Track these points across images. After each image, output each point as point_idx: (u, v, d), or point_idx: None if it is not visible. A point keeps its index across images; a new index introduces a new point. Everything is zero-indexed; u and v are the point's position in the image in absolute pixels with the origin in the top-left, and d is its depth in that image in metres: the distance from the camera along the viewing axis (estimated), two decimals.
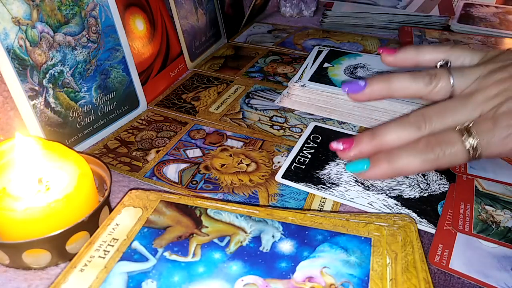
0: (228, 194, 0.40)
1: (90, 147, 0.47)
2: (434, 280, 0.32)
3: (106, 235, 0.32)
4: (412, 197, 0.40)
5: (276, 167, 0.44)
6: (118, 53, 0.49)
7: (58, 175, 0.34)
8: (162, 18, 0.59)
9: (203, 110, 0.54)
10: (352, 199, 0.39)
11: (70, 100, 0.44)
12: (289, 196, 0.40)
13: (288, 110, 0.54)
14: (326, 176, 0.42)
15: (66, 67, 0.43)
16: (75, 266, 0.29)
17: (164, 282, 0.29)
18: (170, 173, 0.43)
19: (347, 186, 0.41)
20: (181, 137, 0.49)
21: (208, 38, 0.69)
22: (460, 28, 0.77)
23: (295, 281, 0.28)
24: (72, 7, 0.43)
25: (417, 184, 0.41)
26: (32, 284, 0.32)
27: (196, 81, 0.61)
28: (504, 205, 0.38)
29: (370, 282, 0.28)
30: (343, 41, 0.74)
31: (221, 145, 0.47)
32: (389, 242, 0.31)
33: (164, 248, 0.31)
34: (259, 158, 0.45)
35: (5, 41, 0.37)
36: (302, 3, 0.88)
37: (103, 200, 0.35)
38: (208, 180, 0.42)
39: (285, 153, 0.46)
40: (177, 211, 0.34)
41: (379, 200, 0.39)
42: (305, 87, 0.53)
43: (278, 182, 0.42)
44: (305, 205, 0.39)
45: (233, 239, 0.32)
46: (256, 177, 0.42)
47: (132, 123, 0.52)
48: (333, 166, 0.43)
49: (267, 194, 0.40)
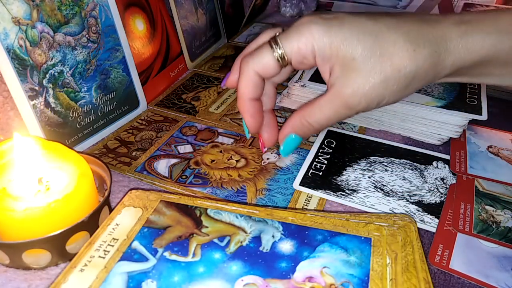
0: (216, 188, 0.41)
1: (90, 147, 0.47)
2: (434, 280, 0.32)
3: (106, 235, 0.32)
4: (433, 202, 0.39)
5: (265, 163, 0.44)
6: (118, 53, 0.49)
7: (58, 175, 0.34)
8: (162, 18, 0.59)
9: (203, 110, 0.54)
10: (373, 205, 0.39)
11: (70, 100, 0.44)
12: (277, 191, 0.41)
13: (288, 110, 0.54)
14: (344, 183, 0.42)
15: (66, 67, 0.43)
16: (75, 266, 0.29)
17: (164, 282, 0.28)
18: (161, 168, 0.44)
19: (366, 193, 0.40)
20: (173, 133, 0.49)
21: (208, 38, 0.69)
22: None
23: (295, 281, 0.28)
24: (72, 7, 0.43)
25: (436, 188, 0.41)
26: (32, 284, 0.32)
27: (196, 81, 0.61)
28: (504, 205, 0.38)
29: (370, 282, 0.28)
30: None
31: (212, 142, 0.48)
32: (389, 242, 0.31)
33: (164, 248, 0.31)
34: (248, 154, 0.46)
35: (5, 41, 0.37)
36: (302, 3, 0.88)
37: (103, 200, 0.35)
38: (197, 175, 0.43)
39: (274, 150, 0.46)
40: (177, 211, 0.34)
41: (400, 206, 0.39)
42: (305, 87, 0.52)
43: (266, 177, 0.42)
44: (292, 200, 0.40)
45: (233, 239, 0.32)
46: (245, 173, 0.43)
47: (132, 123, 0.52)
48: (350, 172, 0.43)
49: (255, 189, 0.41)
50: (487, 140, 0.48)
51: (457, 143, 0.47)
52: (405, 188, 0.41)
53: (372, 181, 0.42)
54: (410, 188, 0.41)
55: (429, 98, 0.50)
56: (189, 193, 0.41)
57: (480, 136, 0.49)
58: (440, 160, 0.45)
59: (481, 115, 0.47)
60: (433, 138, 0.48)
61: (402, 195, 0.40)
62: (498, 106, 0.55)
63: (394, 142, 0.48)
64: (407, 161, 0.45)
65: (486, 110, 0.47)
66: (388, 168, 0.43)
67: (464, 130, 0.49)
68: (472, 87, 0.52)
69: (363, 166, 0.44)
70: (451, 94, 0.50)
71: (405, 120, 0.49)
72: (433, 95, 0.50)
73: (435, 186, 0.41)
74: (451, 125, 0.47)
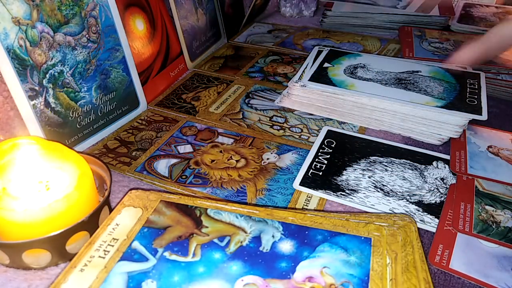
0: (216, 188, 0.41)
1: (90, 147, 0.47)
2: (434, 280, 0.32)
3: (106, 235, 0.32)
4: (433, 202, 0.39)
5: (265, 163, 0.44)
6: (118, 53, 0.49)
7: (58, 175, 0.34)
8: (162, 18, 0.59)
9: (203, 110, 0.54)
10: (373, 205, 0.39)
11: (70, 100, 0.44)
12: (277, 191, 0.41)
13: (288, 110, 0.54)
14: (344, 183, 0.41)
15: (66, 67, 0.43)
16: (75, 266, 0.29)
17: (164, 282, 0.28)
18: (161, 168, 0.44)
19: (366, 193, 0.40)
20: (172, 133, 0.49)
21: (208, 38, 0.69)
22: (460, 28, 0.77)
23: (295, 281, 0.28)
24: (72, 7, 0.43)
25: (436, 188, 0.41)
26: (32, 284, 0.32)
27: (196, 81, 0.61)
28: (505, 205, 0.38)
29: (370, 282, 0.28)
30: (343, 41, 0.74)
31: (212, 142, 0.48)
32: (389, 242, 0.31)
33: (164, 248, 0.31)
34: (248, 154, 0.46)
35: (5, 41, 0.37)
36: (302, 3, 0.88)
37: (103, 200, 0.35)
38: (197, 175, 0.43)
39: (274, 150, 0.46)
40: (177, 211, 0.34)
41: (400, 206, 0.39)
42: (305, 87, 0.53)
43: (266, 177, 0.42)
44: (292, 200, 0.40)
45: (233, 239, 0.32)
46: (245, 173, 0.43)
47: (132, 123, 0.52)
48: (350, 172, 0.43)
49: (255, 189, 0.41)
50: (487, 140, 0.48)
51: (457, 143, 0.47)
52: (405, 188, 0.41)
53: (372, 181, 0.42)
54: (410, 188, 0.41)
55: (429, 98, 0.50)
56: (189, 193, 0.41)
57: (480, 136, 0.49)
58: (440, 160, 0.45)
59: (481, 115, 0.47)
60: (433, 138, 0.48)
61: (402, 195, 0.40)
62: (498, 106, 0.55)
63: (394, 142, 0.48)
64: (407, 161, 0.45)
65: (486, 110, 0.47)
66: (388, 168, 0.43)
67: (464, 130, 0.49)
68: (472, 87, 0.52)
69: (363, 166, 0.44)
70: (451, 94, 0.50)
71: (405, 120, 0.49)
72: (433, 95, 0.50)
73: (435, 186, 0.41)
74: (451, 125, 0.47)
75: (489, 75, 0.58)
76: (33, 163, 0.34)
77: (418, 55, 0.65)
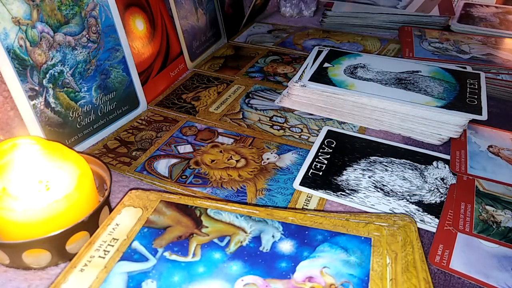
0: (216, 188, 0.41)
1: (90, 147, 0.47)
2: (434, 280, 0.32)
3: (106, 235, 0.32)
4: (433, 202, 0.39)
5: (265, 163, 0.44)
6: (118, 53, 0.49)
7: (58, 175, 0.34)
8: (162, 18, 0.59)
9: (203, 110, 0.54)
10: (373, 205, 0.39)
11: (70, 100, 0.44)
12: (277, 191, 0.41)
13: (288, 110, 0.54)
14: (344, 183, 0.41)
15: (66, 67, 0.43)
16: (75, 266, 0.29)
17: (164, 282, 0.28)
18: (161, 168, 0.44)
19: (367, 193, 0.40)
20: (172, 133, 0.49)
21: (208, 38, 0.69)
22: (460, 28, 0.77)
23: (295, 281, 0.28)
24: (72, 7, 0.43)
25: (436, 188, 0.41)
26: (32, 284, 0.32)
27: (196, 81, 0.61)
28: (505, 205, 0.38)
29: (370, 282, 0.28)
30: (343, 41, 0.74)
31: (212, 142, 0.48)
32: (389, 242, 0.31)
33: (164, 248, 0.31)
34: (248, 154, 0.46)
35: (5, 41, 0.37)
36: (302, 3, 0.88)
37: (103, 200, 0.35)
38: (197, 175, 0.43)
39: (274, 150, 0.46)
40: (177, 211, 0.34)
41: (400, 206, 0.39)
42: (305, 87, 0.53)
43: (266, 177, 0.42)
44: (292, 200, 0.40)
45: (233, 239, 0.32)
46: (245, 173, 0.43)
47: (132, 123, 0.52)
48: (350, 172, 0.43)
49: (255, 188, 0.41)
50: (488, 140, 0.48)
51: (457, 143, 0.47)
52: (405, 188, 0.41)
53: (372, 181, 0.42)
54: (410, 188, 0.41)
55: (429, 98, 0.50)
56: (189, 193, 0.41)
57: (480, 135, 0.49)
58: (440, 160, 0.45)
59: (481, 115, 0.47)
60: (433, 138, 0.48)
61: (402, 195, 0.40)
62: (498, 106, 0.55)
63: (394, 142, 0.48)
64: (407, 161, 0.45)
65: (486, 110, 0.47)
66: (388, 168, 0.43)
67: (464, 130, 0.49)
68: (472, 87, 0.52)
69: (363, 166, 0.44)
70: (451, 94, 0.50)
71: (405, 120, 0.49)
72: (433, 95, 0.50)
73: (435, 186, 0.41)
74: (451, 125, 0.47)
75: (489, 75, 0.58)
76: (33, 163, 0.34)
77: (418, 55, 0.65)
